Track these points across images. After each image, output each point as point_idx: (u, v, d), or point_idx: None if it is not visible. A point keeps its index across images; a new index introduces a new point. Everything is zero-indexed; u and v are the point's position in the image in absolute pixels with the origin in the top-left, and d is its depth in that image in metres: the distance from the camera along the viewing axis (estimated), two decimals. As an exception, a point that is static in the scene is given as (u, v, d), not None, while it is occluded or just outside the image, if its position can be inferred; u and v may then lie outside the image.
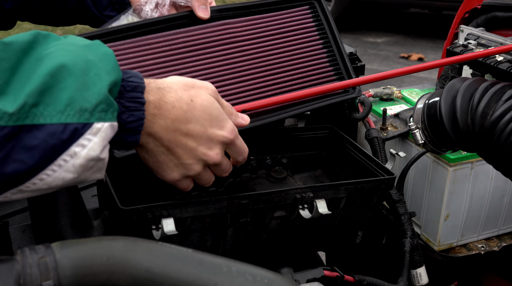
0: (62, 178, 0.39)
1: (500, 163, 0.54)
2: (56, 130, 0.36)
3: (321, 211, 0.56)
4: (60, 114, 0.37)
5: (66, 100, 0.37)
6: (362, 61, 0.84)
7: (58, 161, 0.38)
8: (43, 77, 0.36)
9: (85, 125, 0.38)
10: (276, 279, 0.40)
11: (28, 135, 0.36)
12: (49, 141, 0.36)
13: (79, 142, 0.38)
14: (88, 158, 0.39)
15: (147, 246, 0.38)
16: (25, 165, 0.36)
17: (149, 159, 0.48)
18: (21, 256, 0.35)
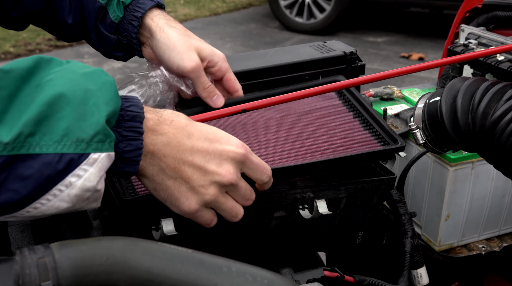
0: (57, 207, 0.38)
1: (501, 163, 0.54)
2: (51, 160, 0.36)
3: (321, 211, 0.56)
4: (57, 144, 0.36)
5: (63, 130, 0.37)
6: (362, 61, 0.84)
7: (53, 191, 0.37)
8: (41, 107, 0.36)
9: (81, 155, 0.37)
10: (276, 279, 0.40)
11: (23, 165, 0.36)
12: (44, 172, 0.36)
13: (75, 172, 0.38)
14: (83, 188, 0.38)
15: (147, 246, 0.38)
16: (18, 195, 0.36)
17: (158, 189, 0.45)
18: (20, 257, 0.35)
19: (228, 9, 5.07)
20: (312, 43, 0.86)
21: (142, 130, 0.41)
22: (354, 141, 0.61)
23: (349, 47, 0.84)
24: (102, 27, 0.65)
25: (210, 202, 0.46)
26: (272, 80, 0.77)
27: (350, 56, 0.82)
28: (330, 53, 0.81)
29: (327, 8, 4.03)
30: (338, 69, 0.82)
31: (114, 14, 0.63)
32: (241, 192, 0.47)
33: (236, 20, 4.68)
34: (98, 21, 0.65)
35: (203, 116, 0.56)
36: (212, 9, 5.06)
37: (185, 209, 0.45)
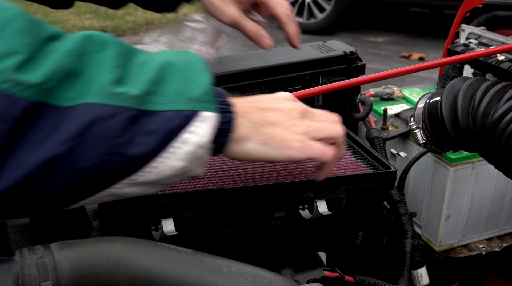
0: (173, 167, 0.40)
1: (501, 163, 0.54)
2: (170, 116, 0.39)
3: (322, 211, 0.56)
4: (172, 103, 0.39)
5: (176, 90, 0.40)
6: (362, 61, 0.84)
7: (171, 148, 0.39)
8: (155, 71, 0.40)
9: (194, 112, 0.40)
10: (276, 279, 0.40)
11: (147, 121, 0.38)
12: (166, 126, 0.39)
13: (190, 128, 0.40)
14: (198, 144, 0.40)
15: (147, 246, 0.38)
16: (146, 148, 0.38)
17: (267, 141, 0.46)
18: (20, 257, 0.35)
19: (228, 9, 5.06)
20: (312, 43, 0.86)
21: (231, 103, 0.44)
22: (347, 167, 0.62)
23: (349, 47, 0.84)
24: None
25: (307, 131, 0.48)
26: (272, 80, 0.77)
27: (350, 56, 0.82)
28: (330, 53, 0.81)
29: (327, 8, 4.03)
30: (338, 69, 0.82)
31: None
32: (319, 114, 0.50)
33: (236, 20, 4.67)
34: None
35: None
36: (212, 9, 5.05)
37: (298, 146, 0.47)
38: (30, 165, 0.35)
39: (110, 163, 0.37)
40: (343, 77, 0.82)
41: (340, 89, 0.65)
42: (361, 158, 0.65)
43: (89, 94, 0.36)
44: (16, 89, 0.34)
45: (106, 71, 0.37)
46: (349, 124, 0.86)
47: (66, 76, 0.36)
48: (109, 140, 0.36)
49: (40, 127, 0.35)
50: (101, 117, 0.36)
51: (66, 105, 0.36)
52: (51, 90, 0.35)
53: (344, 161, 0.63)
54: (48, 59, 0.35)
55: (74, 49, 0.37)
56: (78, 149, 0.36)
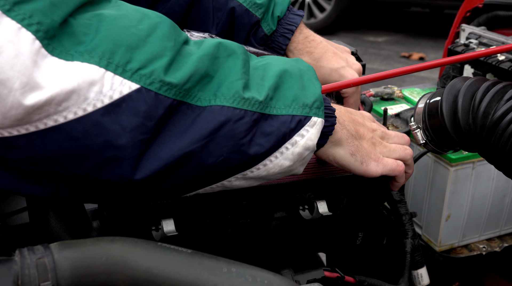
0: (280, 165, 0.44)
1: (501, 163, 0.54)
2: (286, 120, 0.43)
3: (322, 211, 0.56)
4: (288, 108, 0.43)
5: (292, 96, 0.44)
6: (362, 61, 0.84)
7: (282, 149, 0.43)
8: (275, 78, 0.44)
9: (306, 117, 0.44)
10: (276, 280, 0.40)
11: (266, 123, 0.42)
12: (281, 129, 0.42)
13: (300, 132, 0.44)
14: (305, 146, 0.44)
15: (146, 246, 0.38)
16: (263, 148, 0.42)
17: (354, 151, 0.50)
18: (19, 257, 0.35)
19: (228, 9, 5.06)
20: (312, 43, 0.86)
21: (334, 108, 0.48)
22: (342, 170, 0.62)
23: (350, 47, 0.84)
24: (253, 39, 0.69)
25: (383, 151, 0.54)
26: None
27: (350, 56, 0.81)
28: (331, 53, 0.81)
29: (327, 7, 4.03)
30: (339, 69, 0.81)
31: (268, 27, 0.68)
32: (393, 136, 0.56)
33: (236, 19, 4.67)
34: (251, 34, 0.69)
35: None
36: (212, 8, 5.05)
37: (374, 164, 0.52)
38: (166, 159, 0.38)
39: (232, 160, 0.41)
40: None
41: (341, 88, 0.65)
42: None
43: (222, 97, 0.40)
44: (163, 89, 0.37)
45: (237, 76, 0.41)
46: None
47: (202, 78, 0.39)
48: (235, 141, 0.40)
49: (178, 124, 0.39)
50: (231, 120, 0.40)
51: (201, 105, 0.39)
52: (189, 91, 0.39)
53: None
54: (188, 62, 0.39)
55: (209, 54, 0.40)
56: (208, 146, 0.39)
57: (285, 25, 0.69)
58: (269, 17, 0.68)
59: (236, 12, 0.67)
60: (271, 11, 0.68)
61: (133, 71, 0.37)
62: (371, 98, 0.93)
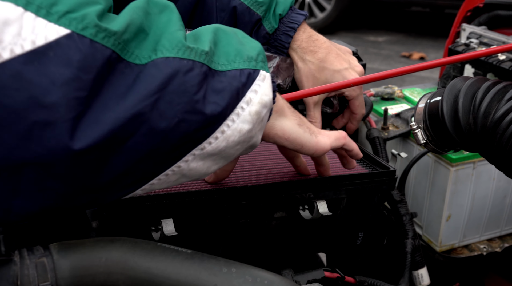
0: (240, 130, 0.39)
1: (502, 163, 0.54)
2: (235, 74, 0.39)
3: (322, 212, 0.56)
4: (233, 63, 0.39)
5: (234, 50, 0.40)
6: (363, 60, 0.84)
7: (237, 109, 0.39)
8: (211, 33, 0.40)
9: (254, 71, 0.40)
10: (276, 280, 0.39)
11: (214, 80, 0.37)
12: (233, 84, 0.38)
13: (252, 87, 0.40)
14: (262, 103, 0.40)
15: (146, 246, 0.38)
16: (219, 106, 0.37)
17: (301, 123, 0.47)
18: (19, 257, 0.35)
19: (228, 9, 5.06)
20: (312, 43, 0.85)
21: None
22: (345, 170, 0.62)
23: (350, 47, 0.83)
24: (255, 38, 0.68)
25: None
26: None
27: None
28: (331, 52, 0.81)
29: (328, 7, 4.02)
30: (339, 68, 0.81)
31: (269, 25, 0.67)
32: None
33: (236, 19, 4.67)
34: (253, 33, 0.68)
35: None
36: (213, 8, 5.05)
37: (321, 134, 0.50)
38: (112, 122, 0.32)
39: (188, 122, 0.35)
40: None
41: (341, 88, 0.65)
42: (360, 161, 0.65)
43: (164, 49, 0.35)
44: (100, 36, 0.32)
45: (176, 28, 0.37)
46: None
47: (138, 32, 0.35)
48: (188, 96, 0.35)
49: (117, 83, 0.33)
50: (180, 71, 0.35)
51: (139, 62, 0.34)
52: (127, 44, 0.33)
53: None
54: (120, 14, 0.34)
55: (139, 7, 0.36)
56: (158, 105, 0.34)
57: (287, 23, 0.68)
58: (271, 15, 0.67)
59: (238, 10, 0.67)
60: (273, 9, 0.67)
61: (60, 14, 0.31)
62: (371, 98, 0.93)
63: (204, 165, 0.39)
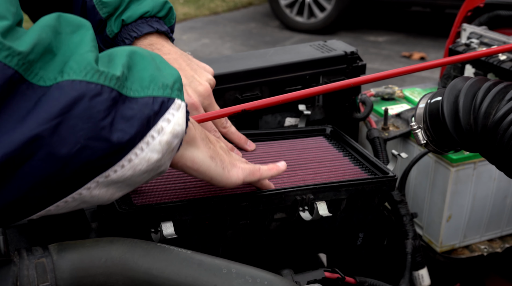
0: (148, 160, 0.38)
1: (503, 163, 0.54)
2: (147, 101, 0.37)
3: (322, 213, 0.56)
4: (147, 89, 0.38)
5: (149, 77, 0.38)
6: (363, 60, 0.84)
7: (147, 138, 0.37)
8: (125, 57, 0.38)
9: (169, 99, 0.39)
10: (276, 280, 0.39)
11: (125, 106, 0.36)
12: (144, 111, 0.37)
13: (165, 116, 0.38)
14: (174, 133, 0.39)
15: (146, 247, 0.38)
16: (126, 134, 0.35)
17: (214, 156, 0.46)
18: (18, 258, 0.35)
19: (228, 8, 5.06)
20: (312, 43, 0.86)
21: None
22: (345, 173, 0.62)
23: (350, 47, 0.83)
24: (98, 38, 0.65)
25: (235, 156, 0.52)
26: (272, 79, 0.77)
27: (351, 56, 0.81)
28: (331, 52, 0.81)
29: (328, 7, 4.02)
30: (339, 68, 0.81)
31: (110, 29, 0.64)
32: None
33: (236, 19, 4.68)
34: (97, 33, 0.65)
35: (203, 116, 0.56)
36: (212, 8, 5.05)
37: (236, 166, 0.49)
38: (6, 146, 0.31)
39: (91, 149, 0.34)
40: (343, 77, 0.81)
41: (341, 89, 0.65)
42: (359, 164, 0.65)
43: (71, 71, 0.33)
44: (3, 55, 0.30)
45: (87, 49, 0.35)
46: (350, 124, 0.86)
47: (45, 52, 0.33)
48: (93, 122, 0.33)
49: (18, 105, 0.31)
50: (86, 95, 0.33)
51: (44, 84, 0.32)
52: (32, 64, 0.32)
53: (342, 168, 0.63)
54: (28, 32, 0.33)
55: (50, 25, 0.34)
56: (59, 130, 0.32)
57: (129, 31, 0.64)
58: (113, 19, 0.63)
59: (86, 6, 0.64)
60: (117, 14, 0.63)
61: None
62: (371, 98, 0.93)
63: (107, 192, 0.38)
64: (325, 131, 0.74)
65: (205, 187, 0.56)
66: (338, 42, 0.86)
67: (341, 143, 0.71)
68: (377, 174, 0.62)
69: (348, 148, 0.69)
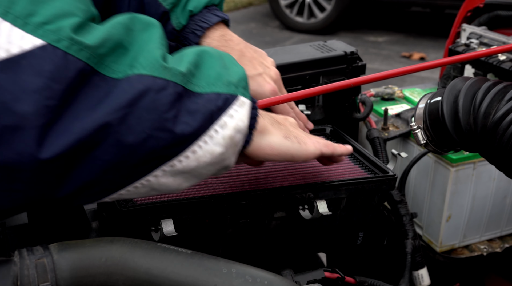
0: (212, 152, 0.39)
1: (502, 163, 0.54)
2: (212, 97, 0.39)
3: (322, 211, 0.56)
4: (212, 86, 0.40)
5: (215, 74, 0.40)
6: (363, 61, 0.84)
7: (211, 132, 0.39)
8: (194, 56, 0.40)
9: (233, 96, 0.40)
10: (276, 280, 0.39)
11: (190, 101, 0.38)
12: (208, 106, 0.39)
13: (229, 112, 0.40)
14: (236, 128, 0.40)
15: (146, 247, 0.38)
16: (190, 127, 0.37)
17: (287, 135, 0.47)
18: (19, 258, 0.35)
19: (228, 9, 5.07)
20: (312, 43, 0.86)
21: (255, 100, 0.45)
22: (345, 172, 0.62)
23: (350, 47, 0.84)
24: None
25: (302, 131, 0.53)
26: (272, 80, 0.77)
27: (350, 56, 0.81)
28: (331, 52, 0.81)
29: (328, 7, 4.02)
30: (339, 69, 0.81)
31: (176, 21, 0.62)
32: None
33: (236, 19, 4.68)
34: None
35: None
36: (213, 8, 5.05)
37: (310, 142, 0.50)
38: (79, 132, 0.33)
39: (156, 139, 0.36)
40: (343, 77, 0.81)
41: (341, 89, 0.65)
42: (359, 163, 0.65)
43: (140, 66, 0.36)
44: (74, 49, 0.33)
45: (155, 46, 0.38)
46: (350, 124, 0.86)
47: (116, 47, 0.36)
48: (157, 114, 0.36)
49: (90, 95, 0.34)
50: (152, 89, 0.36)
51: (115, 77, 0.35)
52: (103, 58, 0.35)
53: (341, 167, 0.63)
54: (99, 28, 0.35)
55: (121, 23, 0.37)
56: (127, 120, 0.35)
57: (198, 22, 0.62)
58: (179, 10, 0.61)
59: (144, 1, 0.62)
60: (183, 5, 0.62)
61: (36, 25, 0.32)
62: (371, 98, 0.93)
63: (175, 181, 0.40)
64: (325, 131, 0.74)
65: (205, 186, 0.56)
66: (338, 42, 0.86)
67: (341, 142, 0.71)
68: (377, 173, 0.62)
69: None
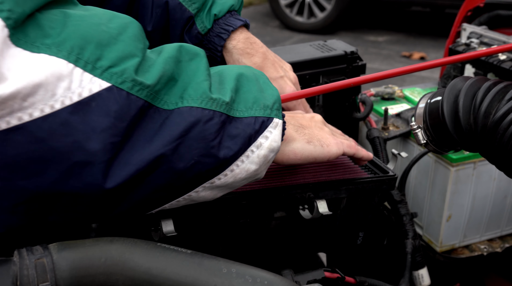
0: (247, 170, 0.43)
1: (502, 163, 0.54)
2: (250, 121, 0.43)
3: (322, 211, 0.56)
4: (250, 110, 0.43)
5: (252, 99, 0.44)
6: (363, 60, 0.84)
7: (247, 152, 0.43)
8: (233, 81, 0.43)
9: (268, 119, 0.44)
10: (276, 280, 0.39)
11: (231, 126, 0.41)
12: (247, 131, 0.42)
13: (264, 134, 0.43)
14: (270, 148, 0.44)
15: (146, 247, 0.38)
16: (231, 151, 0.41)
17: (311, 139, 0.51)
18: (18, 257, 0.35)
19: (228, 9, 5.06)
20: (312, 43, 0.86)
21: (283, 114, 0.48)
22: (345, 172, 0.62)
23: (350, 47, 0.83)
24: (187, 37, 0.65)
25: (331, 132, 0.56)
26: (272, 79, 0.77)
27: (351, 56, 0.81)
28: (331, 52, 0.81)
29: (328, 7, 4.02)
30: (339, 68, 0.81)
31: (202, 25, 0.64)
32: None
33: (236, 19, 4.67)
34: (184, 31, 0.65)
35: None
36: (213, 8, 5.05)
37: (333, 143, 0.53)
38: (138, 163, 0.37)
39: (202, 164, 0.40)
40: (343, 77, 0.81)
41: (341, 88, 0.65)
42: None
43: (190, 98, 0.39)
44: (135, 89, 0.36)
45: (202, 77, 0.41)
46: (350, 124, 0.86)
47: (169, 81, 0.39)
48: (205, 143, 0.39)
49: (146, 127, 0.37)
50: (201, 120, 0.39)
51: (167, 108, 0.38)
52: (158, 93, 0.38)
53: (342, 166, 0.63)
54: (154, 64, 0.38)
55: (172, 57, 0.40)
56: (178, 149, 0.38)
57: (222, 25, 0.64)
58: (204, 14, 0.63)
59: (170, 5, 0.63)
60: (207, 9, 0.64)
61: (104, 69, 0.35)
62: (371, 98, 0.93)
63: (212, 193, 0.44)
64: None
65: None
66: (338, 42, 0.86)
67: None
68: (377, 173, 0.62)
69: None
